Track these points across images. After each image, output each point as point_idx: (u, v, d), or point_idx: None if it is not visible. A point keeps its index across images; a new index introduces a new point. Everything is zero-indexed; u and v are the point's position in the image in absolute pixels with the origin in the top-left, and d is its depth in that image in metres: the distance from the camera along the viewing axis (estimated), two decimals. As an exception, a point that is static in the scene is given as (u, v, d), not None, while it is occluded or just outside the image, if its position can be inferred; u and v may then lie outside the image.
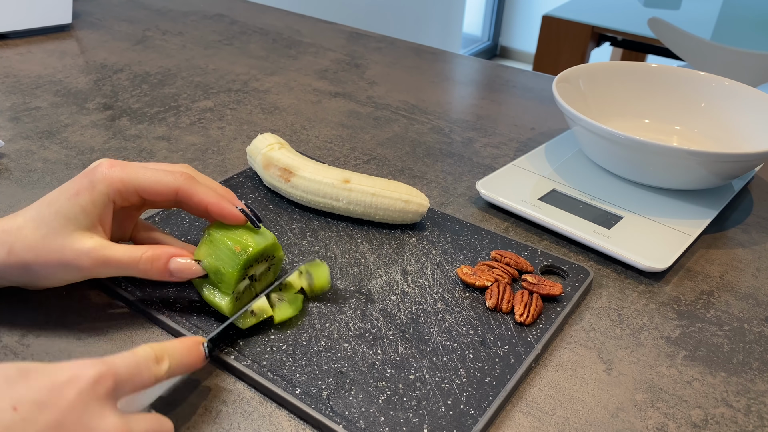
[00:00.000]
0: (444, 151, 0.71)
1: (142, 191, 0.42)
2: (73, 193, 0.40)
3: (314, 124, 0.76)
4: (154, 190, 0.42)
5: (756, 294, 0.51)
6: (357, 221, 0.55)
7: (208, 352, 0.38)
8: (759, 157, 0.54)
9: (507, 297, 0.46)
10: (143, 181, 0.42)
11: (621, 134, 0.54)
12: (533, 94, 0.88)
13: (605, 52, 2.86)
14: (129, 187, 0.41)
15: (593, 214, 0.56)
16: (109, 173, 0.41)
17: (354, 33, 1.12)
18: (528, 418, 0.39)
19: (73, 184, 0.41)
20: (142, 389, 0.32)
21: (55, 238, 0.39)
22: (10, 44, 0.96)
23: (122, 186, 0.41)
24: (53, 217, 0.40)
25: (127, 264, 0.41)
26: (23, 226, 0.40)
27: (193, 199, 0.43)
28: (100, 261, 0.40)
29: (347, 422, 0.36)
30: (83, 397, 0.28)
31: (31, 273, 0.40)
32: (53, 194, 0.41)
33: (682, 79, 0.71)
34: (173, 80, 0.87)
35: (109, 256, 0.40)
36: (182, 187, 0.42)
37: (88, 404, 0.28)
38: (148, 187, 0.42)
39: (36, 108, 0.76)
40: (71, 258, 0.40)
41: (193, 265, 0.42)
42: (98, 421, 0.28)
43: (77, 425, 0.27)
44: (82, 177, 0.41)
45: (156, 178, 0.42)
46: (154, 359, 0.32)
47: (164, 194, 0.42)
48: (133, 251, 0.41)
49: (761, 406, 0.41)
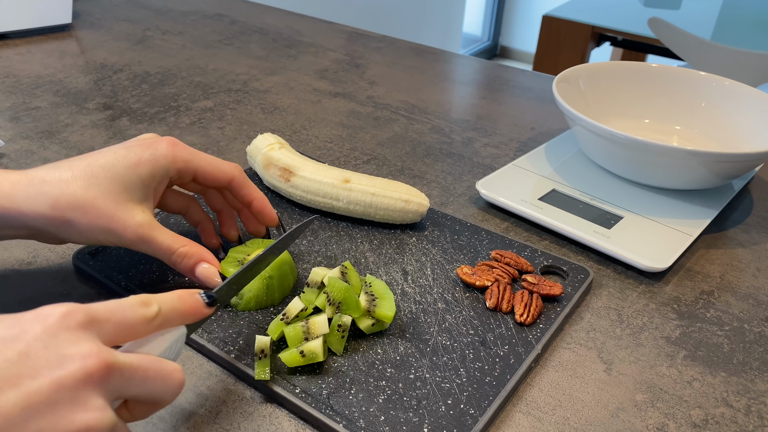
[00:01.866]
0: (444, 151, 0.71)
1: (201, 173, 0.44)
2: (134, 162, 0.40)
3: (314, 124, 0.76)
4: (212, 174, 0.44)
5: (756, 294, 0.51)
6: (357, 221, 0.55)
7: (209, 300, 0.35)
8: (759, 157, 0.54)
9: (507, 297, 0.46)
10: (204, 164, 0.44)
11: (621, 134, 0.54)
12: (533, 94, 0.88)
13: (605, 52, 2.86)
14: (190, 167, 0.43)
15: (593, 214, 0.56)
16: (173, 150, 0.42)
17: (354, 33, 1.12)
18: (528, 418, 0.39)
19: (131, 153, 0.40)
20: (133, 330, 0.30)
21: (106, 202, 0.39)
22: (10, 44, 0.96)
23: (184, 166, 0.42)
24: (108, 182, 0.39)
25: (164, 250, 0.41)
26: (71, 182, 0.39)
27: (243, 190, 0.46)
28: (144, 238, 0.40)
29: (347, 421, 0.36)
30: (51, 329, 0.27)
31: (71, 229, 0.39)
32: (106, 156, 0.40)
33: (682, 79, 0.71)
34: (173, 80, 0.87)
35: (154, 236, 0.41)
36: (237, 177, 0.45)
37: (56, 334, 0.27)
38: (208, 170, 0.44)
39: (36, 108, 0.76)
40: (118, 227, 0.39)
41: (216, 275, 0.42)
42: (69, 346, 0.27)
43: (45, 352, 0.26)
44: (141, 148, 0.41)
45: (216, 164, 0.44)
46: (139, 302, 0.31)
47: (219, 180, 0.44)
48: (173, 241, 0.41)
49: (761, 406, 0.41)
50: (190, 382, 0.40)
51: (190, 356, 0.42)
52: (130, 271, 0.47)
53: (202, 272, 0.42)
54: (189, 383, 0.40)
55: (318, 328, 0.40)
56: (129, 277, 0.47)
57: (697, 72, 0.71)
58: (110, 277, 0.47)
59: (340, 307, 0.41)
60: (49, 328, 0.27)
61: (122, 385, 0.28)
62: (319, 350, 0.39)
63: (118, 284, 0.46)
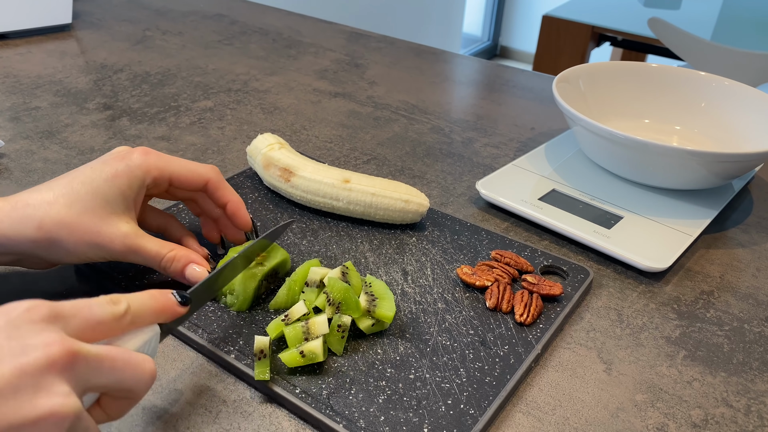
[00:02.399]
0: (444, 151, 0.71)
1: (176, 178, 0.44)
2: (111, 175, 0.41)
3: (314, 124, 0.76)
4: (187, 178, 0.44)
5: (756, 294, 0.51)
6: (357, 221, 0.55)
7: (182, 300, 0.35)
8: (759, 157, 0.54)
9: (507, 297, 0.46)
10: (178, 169, 0.44)
11: (621, 134, 0.54)
12: (533, 94, 0.88)
13: (605, 52, 2.86)
14: (165, 174, 0.43)
15: (593, 214, 0.56)
16: (146, 160, 0.42)
17: (354, 33, 1.12)
18: (528, 418, 0.39)
19: (107, 167, 0.41)
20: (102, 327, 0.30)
21: (91, 218, 0.40)
22: (10, 44, 0.96)
23: (159, 173, 0.43)
24: (90, 197, 0.40)
25: (153, 257, 0.42)
26: (54, 202, 0.39)
27: (218, 192, 0.46)
28: (132, 248, 0.41)
29: (347, 421, 0.36)
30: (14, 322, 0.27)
31: (58, 249, 0.40)
32: (84, 173, 0.41)
33: (682, 79, 0.71)
34: (173, 80, 0.87)
35: (141, 245, 0.41)
36: (213, 179, 0.45)
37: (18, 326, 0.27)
38: (182, 175, 0.44)
39: (36, 108, 0.76)
40: (105, 241, 0.40)
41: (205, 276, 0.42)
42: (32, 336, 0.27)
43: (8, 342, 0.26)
44: (116, 160, 0.42)
45: (191, 167, 0.45)
46: (107, 300, 0.31)
47: (195, 183, 0.45)
48: (161, 247, 0.42)
49: (761, 406, 0.41)
50: (191, 382, 0.40)
51: (190, 356, 0.42)
52: (129, 271, 0.47)
53: (191, 274, 0.43)
54: (189, 383, 0.40)
55: (318, 329, 0.40)
56: (129, 277, 0.47)
57: (697, 72, 0.71)
58: (110, 278, 0.47)
59: (340, 307, 0.41)
60: (13, 321, 0.27)
61: (89, 373, 0.28)
62: (319, 350, 0.39)
63: (118, 285, 0.46)
